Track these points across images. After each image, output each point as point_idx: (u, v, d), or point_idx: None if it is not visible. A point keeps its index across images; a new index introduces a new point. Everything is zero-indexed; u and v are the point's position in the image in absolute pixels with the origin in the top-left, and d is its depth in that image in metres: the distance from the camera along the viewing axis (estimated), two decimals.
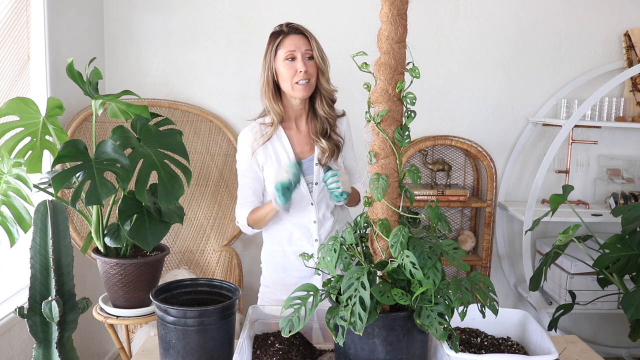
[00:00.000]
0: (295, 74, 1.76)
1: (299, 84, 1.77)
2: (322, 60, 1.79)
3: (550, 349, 1.38)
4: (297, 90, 1.78)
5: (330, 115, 1.86)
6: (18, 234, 1.56)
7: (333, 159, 1.86)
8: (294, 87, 1.78)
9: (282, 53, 1.77)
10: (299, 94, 1.79)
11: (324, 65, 1.80)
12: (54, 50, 2.46)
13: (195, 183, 2.96)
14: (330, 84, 1.84)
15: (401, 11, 1.27)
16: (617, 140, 3.23)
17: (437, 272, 1.22)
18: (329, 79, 1.84)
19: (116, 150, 1.59)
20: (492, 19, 3.12)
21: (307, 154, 1.88)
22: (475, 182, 3.23)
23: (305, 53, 1.77)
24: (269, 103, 1.83)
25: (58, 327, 1.57)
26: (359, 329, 1.18)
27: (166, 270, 2.83)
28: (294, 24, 1.81)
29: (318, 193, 1.87)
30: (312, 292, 1.28)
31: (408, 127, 1.32)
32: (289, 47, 1.76)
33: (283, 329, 1.25)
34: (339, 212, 1.97)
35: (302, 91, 1.78)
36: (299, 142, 1.88)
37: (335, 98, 1.89)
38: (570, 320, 3.31)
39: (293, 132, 1.89)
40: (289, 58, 1.76)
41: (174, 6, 3.04)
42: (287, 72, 1.77)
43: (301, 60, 1.76)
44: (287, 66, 1.76)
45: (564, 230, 2.33)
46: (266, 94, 1.83)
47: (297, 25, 1.80)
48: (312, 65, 1.78)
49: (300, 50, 1.76)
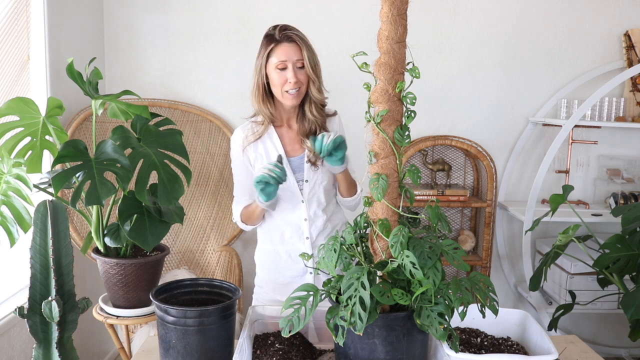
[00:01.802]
0: (286, 82, 1.77)
1: (288, 93, 1.78)
2: (313, 70, 1.79)
3: (550, 349, 1.38)
4: (287, 99, 1.80)
5: (319, 119, 1.86)
6: (18, 234, 1.56)
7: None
8: (284, 95, 1.79)
9: (273, 61, 1.77)
10: (288, 102, 1.81)
11: (315, 74, 1.80)
12: (54, 50, 2.46)
13: (195, 183, 2.96)
14: (321, 91, 1.84)
15: (401, 11, 1.27)
16: (617, 140, 3.24)
17: (437, 272, 1.22)
18: (321, 86, 1.84)
19: (116, 150, 1.59)
20: (492, 19, 3.12)
21: (297, 152, 1.89)
22: (475, 182, 3.23)
23: (296, 62, 1.77)
24: (259, 106, 1.85)
25: (58, 327, 1.57)
26: (359, 329, 1.18)
27: (166, 270, 2.83)
28: (287, 30, 1.79)
29: (309, 191, 1.87)
30: (312, 292, 1.28)
31: (408, 127, 1.32)
32: (280, 56, 1.76)
33: (283, 329, 1.25)
34: (332, 211, 1.96)
35: (291, 100, 1.80)
36: (289, 141, 1.89)
37: (326, 103, 1.90)
38: (570, 320, 3.31)
39: (284, 131, 1.90)
40: (280, 67, 1.77)
41: (174, 6, 3.04)
42: (278, 79, 1.78)
43: (292, 69, 1.76)
44: (278, 74, 1.78)
45: (564, 230, 2.33)
46: (256, 97, 1.84)
47: (290, 33, 1.78)
48: (302, 74, 1.79)
49: (291, 60, 1.77)
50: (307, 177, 1.86)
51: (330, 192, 1.94)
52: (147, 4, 3.02)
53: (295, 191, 1.86)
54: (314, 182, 1.87)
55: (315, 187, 1.87)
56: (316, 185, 1.87)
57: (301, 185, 1.87)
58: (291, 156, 1.87)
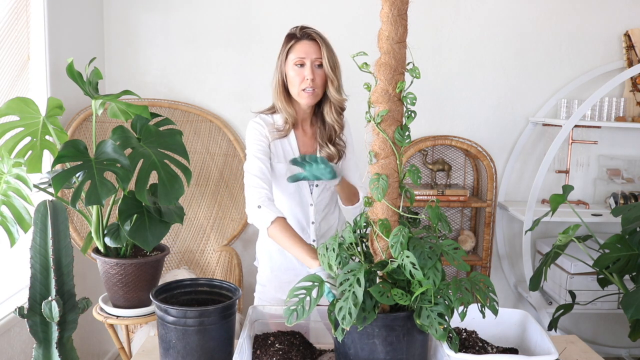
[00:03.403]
0: (303, 80, 1.77)
1: (305, 91, 1.78)
2: (332, 69, 1.78)
3: (550, 349, 1.38)
4: (302, 97, 1.80)
5: (338, 123, 1.86)
6: (18, 234, 1.56)
7: (335, 163, 1.88)
8: (300, 94, 1.79)
9: (292, 58, 1.78)
10: (303, 100, 1.80)
11: (333, 74, 1.78)
12: (54, 50, 2.46)
13: (195, 183, 2.96)
14: (341, 92, 1.83)
15: (401, 11, 1.27)
16: (617, 140, 3.23)
17: (437, 272, 1.22)
18: (340, 87, 1.82)
19: (116, 150, 1.59)
20: (492, 19, 3.12)
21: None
22: (475, 182, 3.23)
23: (315, 60, 1.77)
24: (282, 105, 1.84)
25: (58, 327, 1.57)
26: (346, 324, 1.18)
27: (166, 270, 2.83)
28: (308, 29, 1.79)
29: (318, 195, 1.89)
30: (317, 282, 1.28)
31: (408, 127, 1.32)
32: (299, 53, 1.77)
33: (287, 318, 1.25)
34: (338, 215, 1.99)
35: (307, 98, 1.79)
36: (303, 144, 1.89)
37: (345, 106, 1.88)
38: (570, 320, 3.31)
39: (299, 133, 1.90)
40: (298, 64, 1.77)
41: (174, 6, 3.03)
42: (296, 77, 1.78)
43: (310, 67, 1.76)
44: (296, 71, 1.77)
45: (564, 230, 2.33)
46: (278, 95, 1.84)
47: (310, 31, 1.79)
48: (320, 74, 1.78)
49: (310, 57, 1.76)
50: (316, 182, 1.88)
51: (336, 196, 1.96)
52: (147, 4, 3.02)
53: (306, 194, 1.89)
54: (323, 186, 1.89)
55: (324, 191, 1.90)
56: (325, 189, 1.90)
57: (312, 189, 1.89)
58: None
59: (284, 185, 1.86)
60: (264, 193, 1.73)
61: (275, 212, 1.69)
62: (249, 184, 1.77)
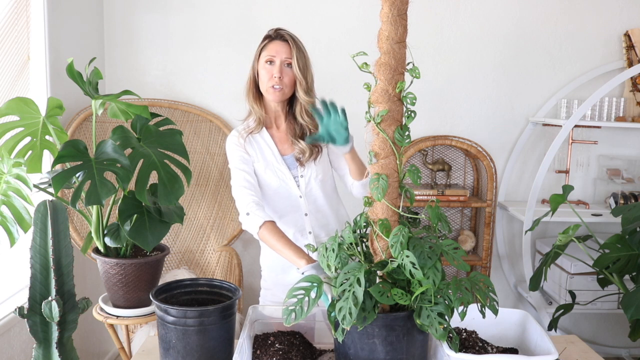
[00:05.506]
0: (271, 77, 1.82)
1: (272, 88, 1.83)
2: (300, 70, 1.82)
3: (550, 349, 1.38)
4: (269, 93, 1.85)
5: (310, 124, 1.89)
6: (18, 234, 1.56)
7: (312, 158, 1.89)
8: (267, 90, 1.84)
9: (264, 56, 1.85)
10: (270, 97, 1.86)
11: (302, 75, 1.83)
12: (54, 50, 2.46)
13: (195, 183, 2.96)
14: (309, 94, 1.86)
15: (401, 11, 1.27)
16: (617, 140, 3.23)
17: (437, 272, 1.22)
18: (309, 89, 1.86)
19: (116, 150, 1.59)
20: (492, 19, 3.12)
21: (288, 150, 1.93)
22: (475, 182, 3.23)
23: (285, 60, 1.83)
24: (249, 102, 1.91)
25: (58, 327, 1.56)
26: (346, 324, 1.18)
27: (166, 270, 2.83)
28: (282, 30, 1.86)
29: (305, 185, 1.91)
30: (315, 283, 1.28)
31: (408, 127, 1.32)
32: (270, 51, 1.83)
33: (286, 318, 1.25)
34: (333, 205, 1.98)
35: (273, 95, 1.84)
36: (279, 140, 1.93)
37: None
38: (570, 320, 3.31)
39: (274, 130, 1.95)
40: (269, 62, 1.83)
41: (174, 6, 3.04)
42: (265, 74, 1.84)
43: (279, 65, 1.82)
44: (266, 69, 1.84)
45: (564, 230, 2.33)
46: (248, 92, 1.91)
47: (284, 32, 1.85)
48: (288, 73, 1.83)
49: (280, 56, 1.82)
50: (301, 173, 1.91)
51: (329, 186, 1.97)
52: (147, 4, 3.02)
53: (292, 187, 1.90)
54: (309, 176, 1.91)
55: (311, 181, 1.91)
56: (312, 179, 1.91)
57: (297, 181, 1.90)
58: (284, 154, 1.92)
59: (268, 183, 1.89)
60: (250, 199, 1.78)
61: (263, 216, 1.72)
62: (236, 195, 1.83)
